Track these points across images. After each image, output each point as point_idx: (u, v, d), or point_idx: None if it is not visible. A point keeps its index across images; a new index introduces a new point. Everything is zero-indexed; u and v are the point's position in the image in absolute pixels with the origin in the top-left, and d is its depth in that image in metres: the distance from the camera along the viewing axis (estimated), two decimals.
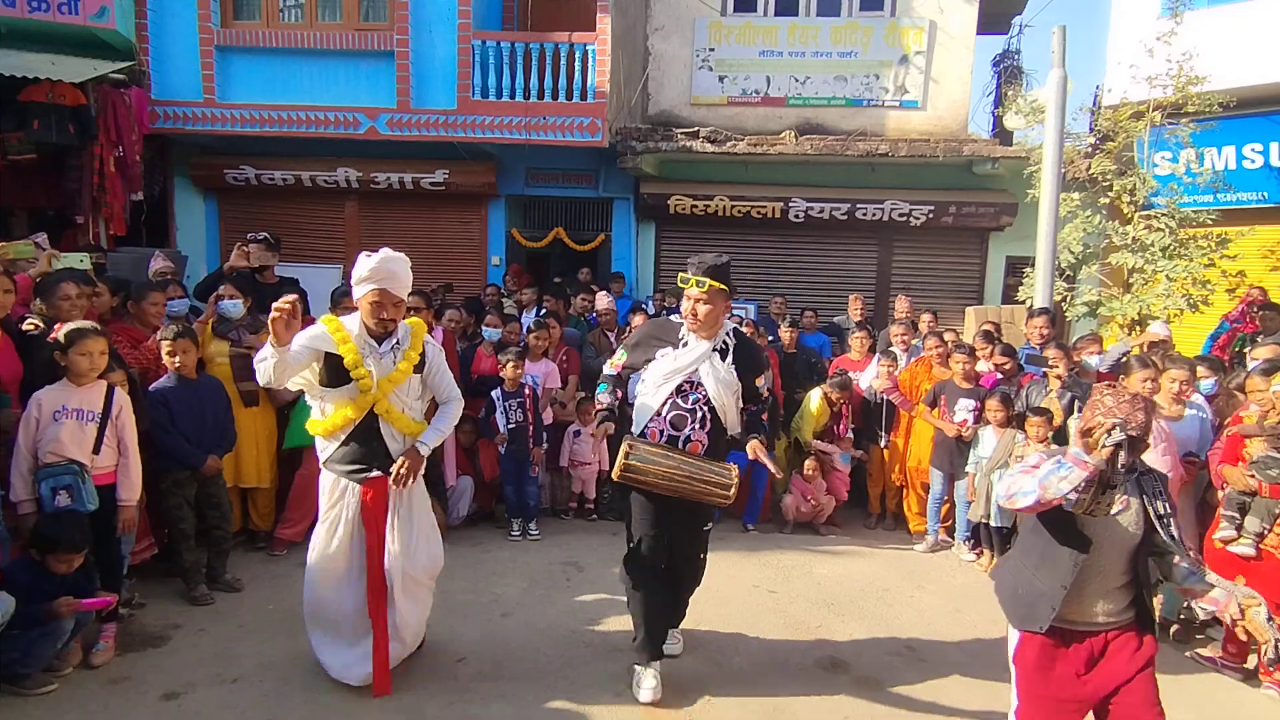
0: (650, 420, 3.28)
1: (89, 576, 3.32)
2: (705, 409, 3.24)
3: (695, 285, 3.19)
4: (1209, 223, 7.13)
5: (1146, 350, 5.36)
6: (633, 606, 3.40)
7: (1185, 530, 4.26)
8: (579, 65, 7.99)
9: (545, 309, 6.95)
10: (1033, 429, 4.78)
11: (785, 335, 6.66)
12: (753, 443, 3.24)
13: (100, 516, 3.40)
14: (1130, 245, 7.24)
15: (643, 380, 3.37)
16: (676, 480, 3.11)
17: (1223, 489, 3.94)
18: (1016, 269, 8.40)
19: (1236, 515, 3.78)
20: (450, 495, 5.39)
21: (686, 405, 3.24)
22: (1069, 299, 7.69)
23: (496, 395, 5.35)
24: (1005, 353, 5.56)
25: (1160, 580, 4.32)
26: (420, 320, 3.47)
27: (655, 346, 3.35)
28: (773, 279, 9.27)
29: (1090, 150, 7.81)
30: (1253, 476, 3.72)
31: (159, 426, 3.91)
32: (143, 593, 4.00)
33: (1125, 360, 4.52)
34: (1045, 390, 5.12)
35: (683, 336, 3.31)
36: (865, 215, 8.83)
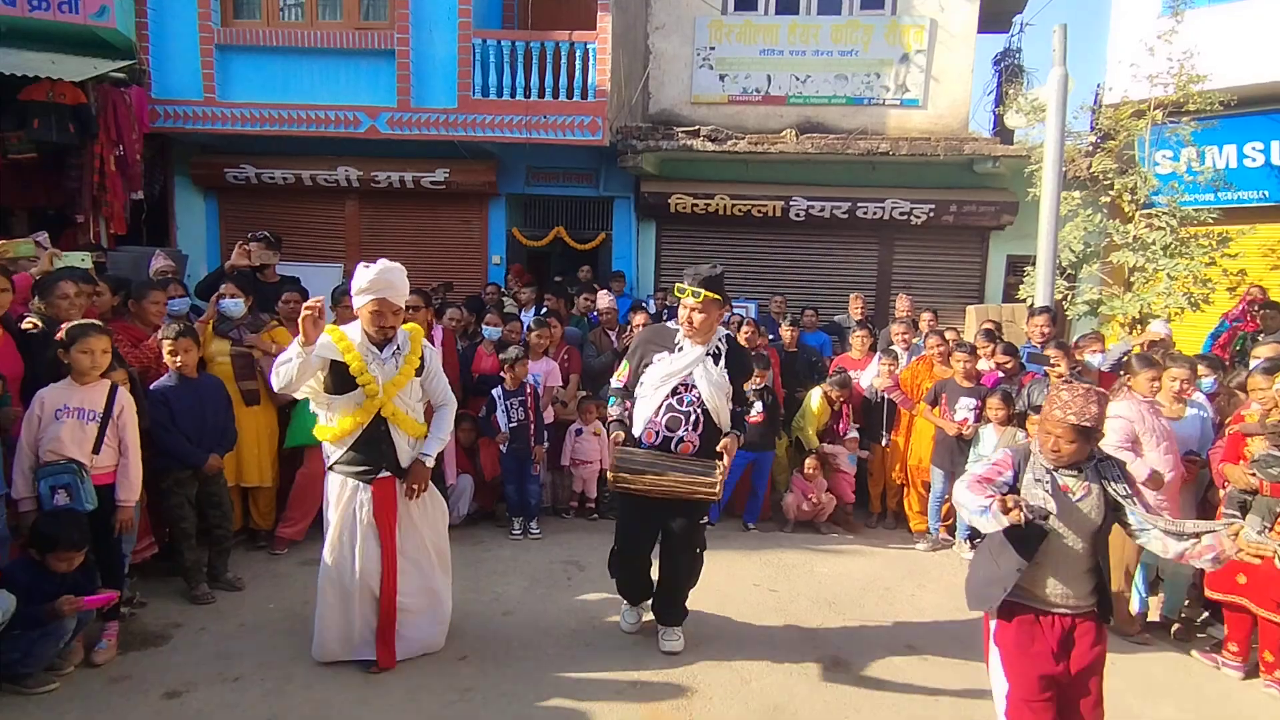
0: (647, 422, 3.47)
1: (90, 575, 3.31)
2: (699, 410, 3.43)
3: (691, 295, 3.38)
4: (1210, 221, 7.13)
5: (1146, 349, 5.36)
6: (617, 585, 3.90)
7: None
8: (579, 64, 7.98)
9: (547, 307, 6.95)
10: (1034, 427, 4.77)
11: (786, 334, 6.66)
12: (725, 439, 3.44)
13: (100, 516, 3.39)
14: (1131, 244, 7.24)
15: (640, 384, 3.55)
16: (663, 484, 3.31)
17: (1224, 487, 3.94)
18: (1017, 268, 8.40)
19: (1237, 514, 3.77)
20: (450, 494, 5.38)
21: (681, 407, 3.43)
22: (1070, 298, 7.69)
23: (498, 394, 5.34)
24: (1007, 351, 5.55)
25: (1161, 579, 4.39)
26: (418, 325, 3.62)
27: (652, 351, 3.54)
28: (773, 278, 9.27)
29: (1091, 149, 7.80)
30: (1254, 475, 3.71)
31: (160, 425, 3.90)
32: (144, 592, 4.00)
33: (1127, 360, 4.52)
34: (1046, 389, 5.12)
35: (678, 342, 3.51)
36: (866, 214, 8.83)
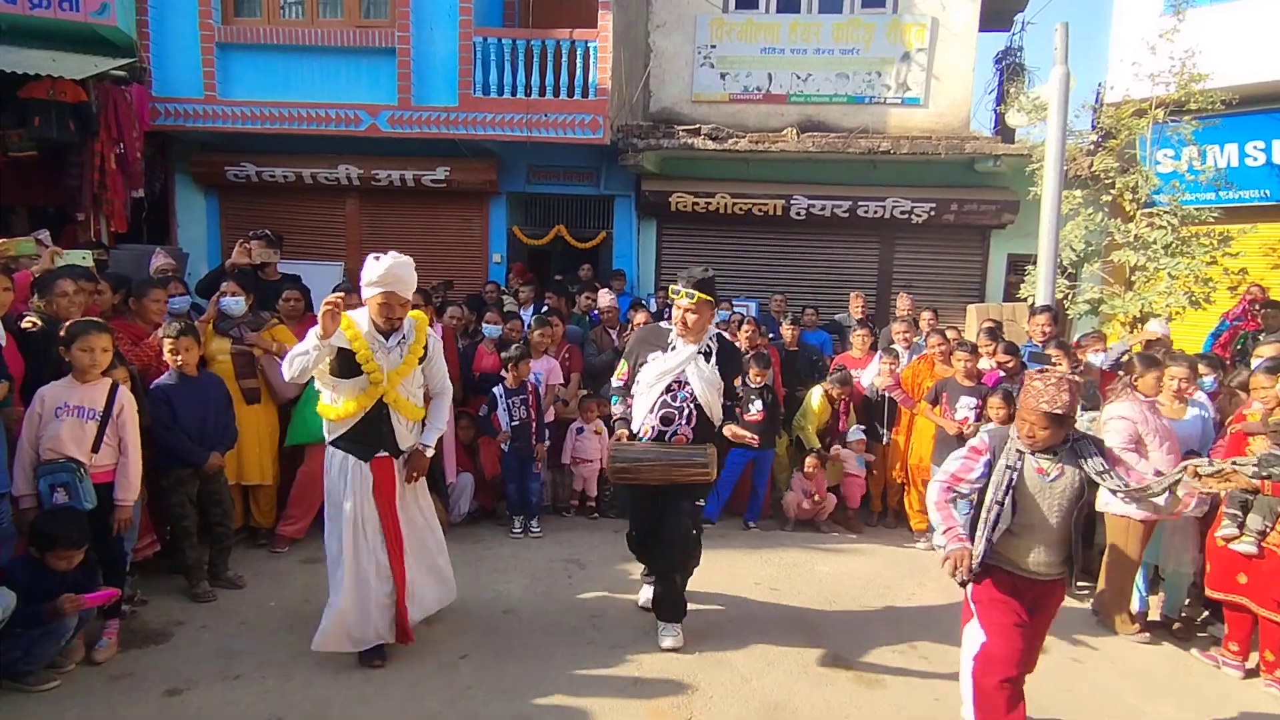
0: (643, 418, 3.65)
1: (90, 573, 3.31)
2: (692, 406, 3.61)
3: (686, 297, 3.56)
4: (1211, 220, 7.12)
5: (1145, 348, 5.36)
6: (639, 558, 4.13)
7: (1187, 530, 4.29)
8: (580, 62, 7.97)
9: (548, 306, 6.95)
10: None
11: (786, 333, 6.65)
12: (728, 427, 3.63)
13: (101, 514, 3.39)
14: (1132, 243, 7.23)
15: (637, 381, 3.73)
16: (659, 471, 3.55)
17: None
18: (1018, 267, 8.40)
19: (1239, 513, 3.77)
20: (451, 492, 5.39)
21: (675, 403, 3.61)
22: (1071, 297, 7.68)
23: (499, 392, 5.33)
24: (1008, 350, 5.54)
25: (1161, 578, 4.39)
26: (423, 313, 3.70)
27: (647, 351, 3.72)
28: (774, 276, 9.26)
29: (1092, 148, 7.79)
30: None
31: (160, 424, 3.90)
32: (145, 590, 4.00)
33: (1128, 359, 4.51)
34: None
35: (671, 341, 3.67)
36: (867, 213, 8.82)
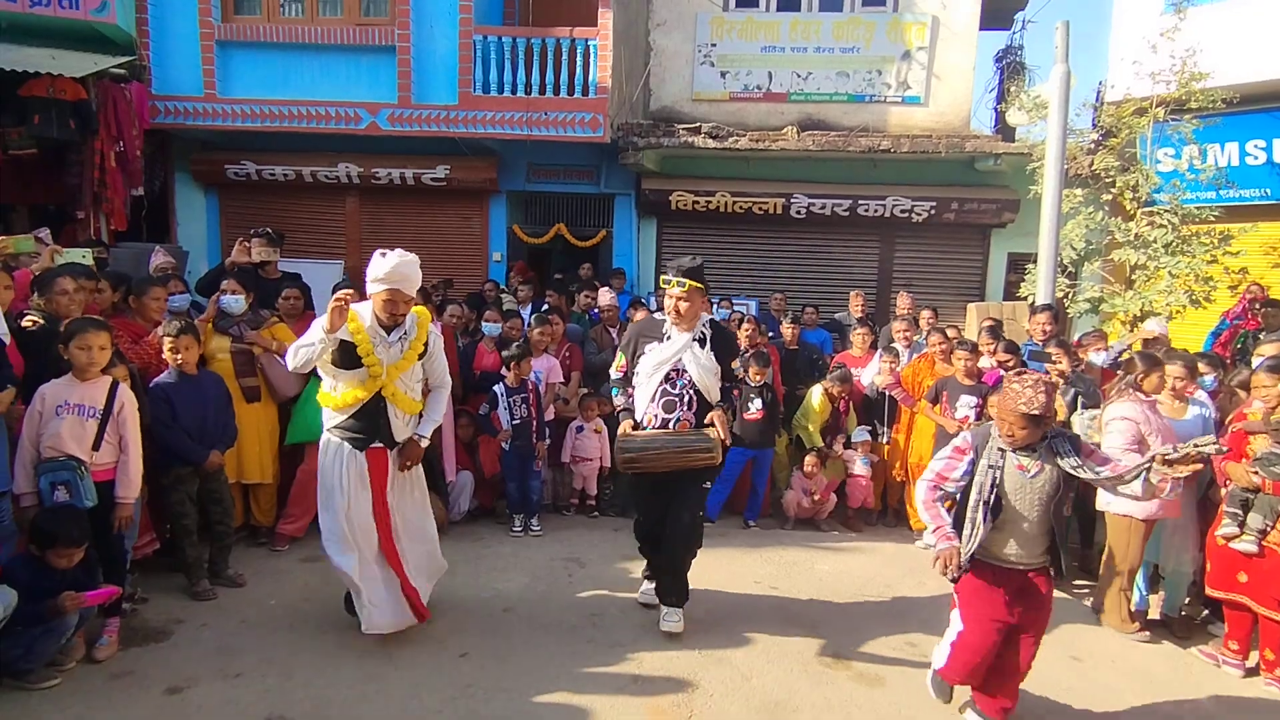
0: (645, 407, 3.75)
1: (91, 571, 3.31)
2: (691, 392, 3.72)
3: (677, 285, 3.66)
4: (1211, 219, 7.12)
5: (1143, 347, 5.36)
6: (642, 553, 4.17)
7: (1187, 528, 4.29)
8: (580, 61, 7.97)
9: (548, 304, 6.94)
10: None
11: (787, 331, 6.64)
12: (715, 412, 3.71)
13: (101, 512, 3.39)
14: (1133, 242, 7.23)
15: (636, 373, 3.83)
16: (666, 458, 3.65)
17: (1225, 485, 3.93)
18: (1018, 265, 8.40)
19: (1239, 512, 3.77)
20: (450, 490, 5.39)
21: (675, 391, 3.72)
22: (1071, 295, 7.68)
23: (500, 391, 5.33)
24: (1008, 349, 5.54)
25: (1161, 577, 4.39)
26: (425, 310, 3.75)
27: (644, 342, 3.81)
28: (774, 275, 9.26)
29: (1093, 146, 7.78)
30: (1256, 473, 3.71)
31: (160, 422, 3.90)
32: (145, 588, 3.99)
33: (1128, 358, 4.51)
34: None
35: (666, 331, 3.76)
36: (867, 211, 8.82)
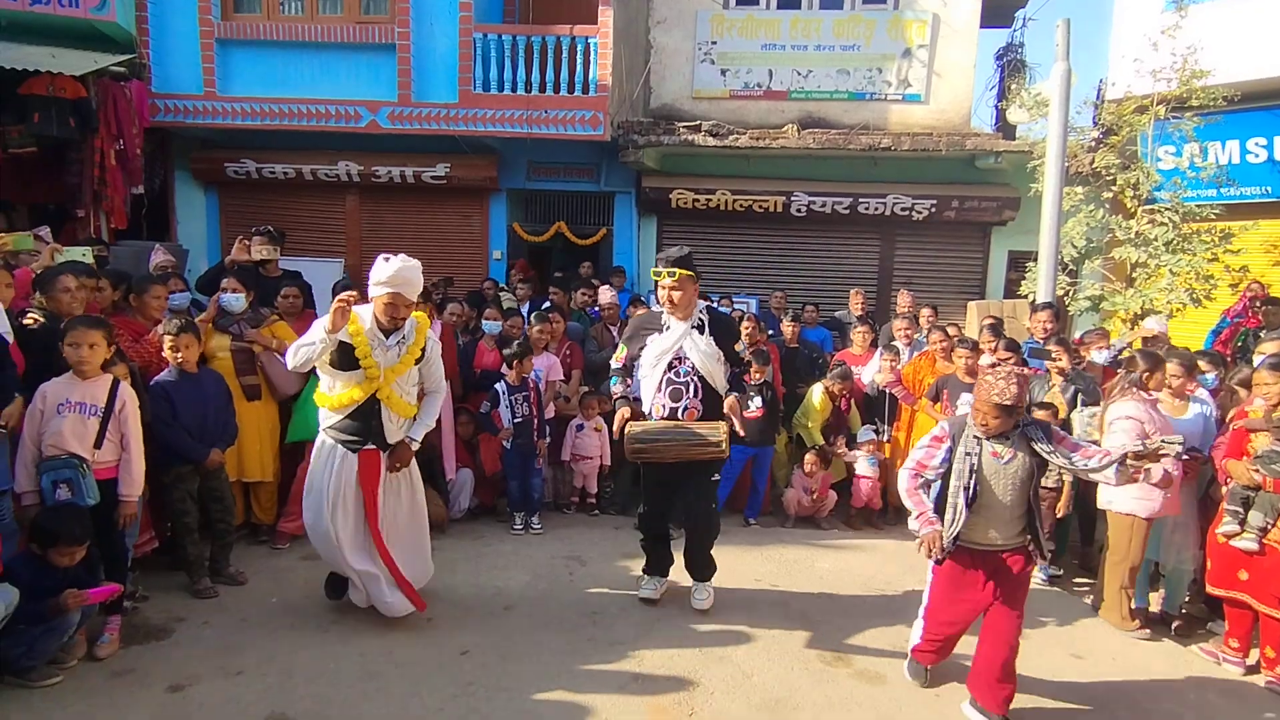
0: (652, 397, 3.82)
1: (92, 569, 3.32)
2: (695, 379, 3.77)
3: (667, 275, 3.72)
4: (1212, 217, 7.10)
5: (1143, 346, 5.35)
6: (643, 548, 4.22)
7: (1187, 526, 4.29)
8: (580, 59, 7.96)
9: (551, 302, 6.94)
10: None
11: (787, 330, 6.64)
12: (729, 399, 3.76)
13: (102, 511, 3.39)
14: (1133, 240, 7.22)
15: (639, 365, 3.90)
16: (675, 449, 3.69)
17: (1227, 483, 3.92)
18: (1019, 263, 8.39)
19: (1240, 510, 3.77)
20: (450, 488, 5.40)
21: (679, 379, 3.78)
22: (1072, 293, 7.67)
23: (502, 389, 5.33)
24: (1009, 347, 5.53)
25: (1162, 575, 4.39)
26: (425, 315, 3.78)
27: (645, 335, 3.88)
28: (774, 273, 9.26)
29: (1094, 144, 7.77)
30: (1257, 471, 3.71)
31: (161, 421, 3.90)
32: (146, 586, 4.00)
33: (1129, 357, 4.50)
34: (1047, 385, 5.12)
35: (665, 322, 3.84)
36: (867, 209, 8.81)
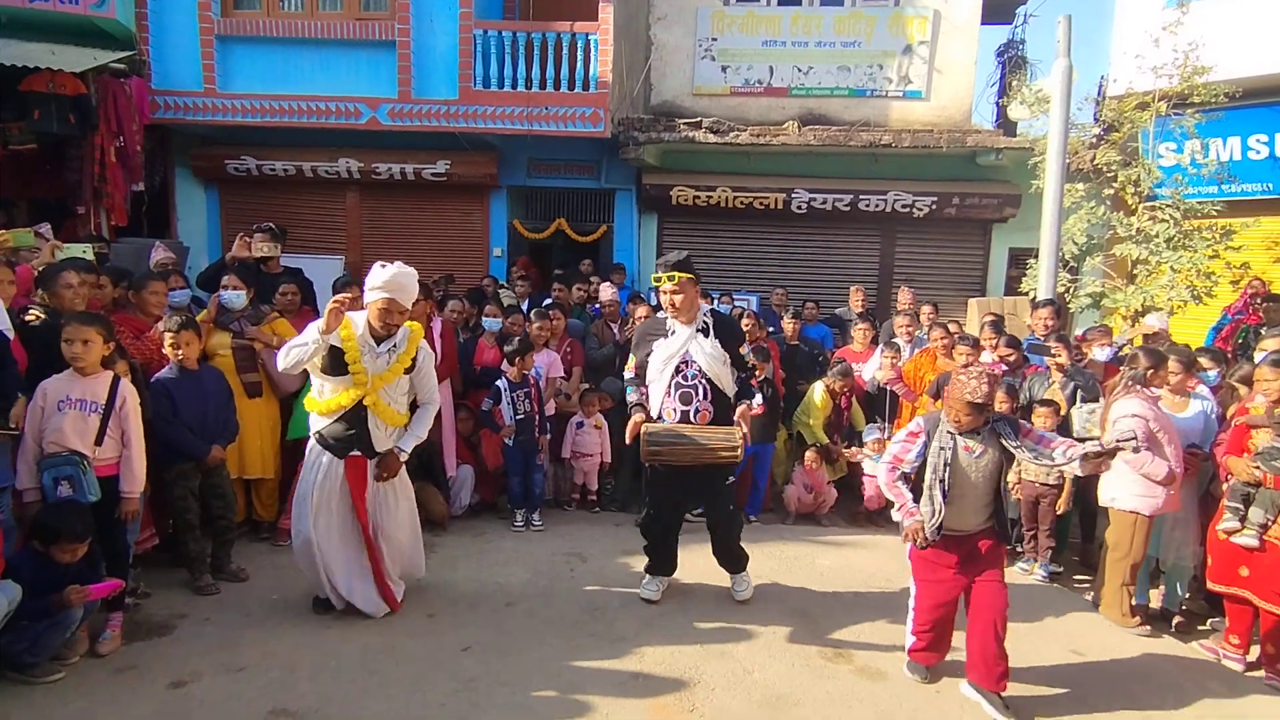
0: (663, 402, 3.85)
1: (94, 565, 3.32)
2: (703, 381, 3.81)
3: (667, 280, 3.75)
4: (1213, 214, 7.09)
5: (1143, 343, 5.35)
6: (646, 550, 4.25)
7: (1188, 523, 4.29)
8: (581, 55, 7.95)
9: (554, 298, 6.93)
10: (1039, 420, 4.77)
11: (787, 327, 6.62)
12: (740, 407, 3.84)
13: (104, 507, 3.39)
14: (1134, 236, 7.21)
15: (648, 371, 3.92)
16: (691, 451, 3.72)
17: (1227, 480, 3.92)
18: (1020, 260, 8.38)
19: (1240, 506, 3.77)
20: (451, 485, 5.40)
21: (688, 382, 3.81)
22: (1072, 290, 7.67)
23: (503, 386, 5.33)
24: (1010, 344, 5.54)
25: (1162, 571, 4.40)
26: (419, 325, 3.81)
27: (651, 341, 3.92)
28: (775, 270, 9.26)
29: (1095, 141, 7.77)
30: (1258, 468, 3.71)
31: (162, 418, 3.90)
32: (148, 582, 4.01)
33: (1131, 353, 4.50)
34: (1047, 382, 5.12)
35: (669, 327, 3.87)
36: (868, 206, 8.81)
